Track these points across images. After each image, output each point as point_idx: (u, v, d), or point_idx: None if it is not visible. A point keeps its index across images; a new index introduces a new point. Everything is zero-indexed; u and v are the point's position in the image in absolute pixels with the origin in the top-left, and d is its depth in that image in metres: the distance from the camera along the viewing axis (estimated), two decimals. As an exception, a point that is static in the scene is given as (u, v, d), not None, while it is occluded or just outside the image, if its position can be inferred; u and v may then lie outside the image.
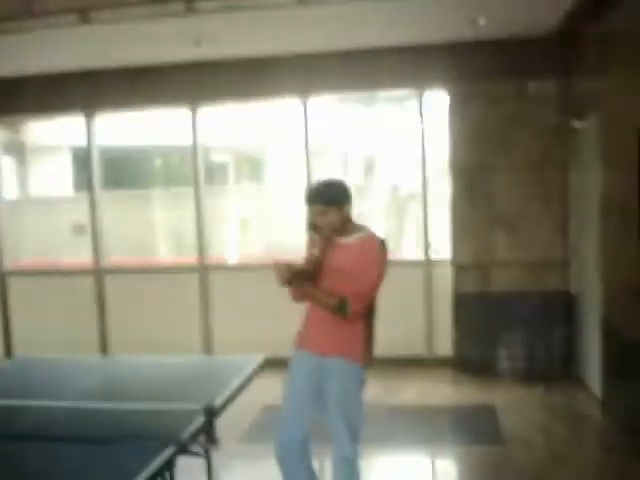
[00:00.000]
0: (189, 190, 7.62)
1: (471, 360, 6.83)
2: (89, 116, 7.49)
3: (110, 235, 7.85)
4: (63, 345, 7.11)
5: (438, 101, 7.05)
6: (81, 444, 3.01)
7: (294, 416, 3.59)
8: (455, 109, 6.79)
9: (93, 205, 7.63)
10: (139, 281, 7.67)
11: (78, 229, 10.12)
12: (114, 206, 8.42)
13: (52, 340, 7.31)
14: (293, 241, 9.42)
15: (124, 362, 4.81)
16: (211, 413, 3.02)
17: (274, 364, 4.57)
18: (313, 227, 3.54)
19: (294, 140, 8.22)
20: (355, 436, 3.52)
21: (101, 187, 7.72)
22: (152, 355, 5.33)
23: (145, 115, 8.34)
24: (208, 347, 7.37)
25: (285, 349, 3.89)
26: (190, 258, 7.64)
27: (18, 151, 10.83)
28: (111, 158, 8.45)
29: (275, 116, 9.05)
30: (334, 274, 3.53)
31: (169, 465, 2.91)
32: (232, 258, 8.89)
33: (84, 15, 5.37)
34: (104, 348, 7.57)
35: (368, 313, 3.61)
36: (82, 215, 8.02)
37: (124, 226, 8.94)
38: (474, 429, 5.51)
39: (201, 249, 7.49)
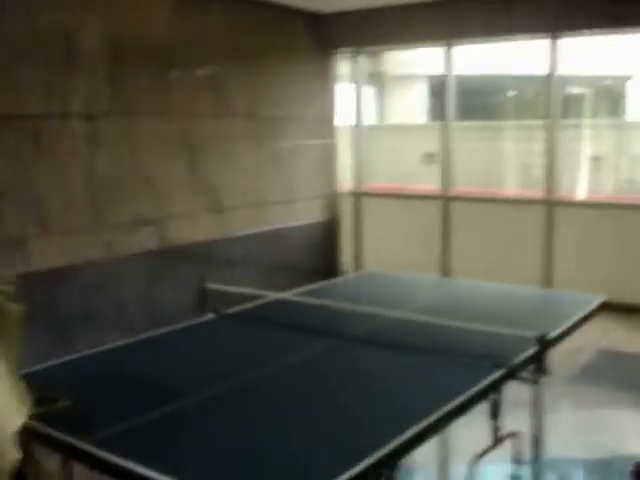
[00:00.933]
0: (541, 123, 7.46)
1: None
2: (449, 46, 7.62)
3: (459, 164, 8.01)
4: (407, 264, 7.51)
5: None
6: (413, 354, 3.24)
7: None
8: None
9: (445, 134, 7.82)
10: (484, 210, 7.79)
11: (428, 157, 10.49)
12: (465, 136, 8.58)
13: (397, 258, 7.79)
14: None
15: (463, 284, 4.97)
16: (545, 343, 3.04)
17: (613, 308, 4.40)
18: None
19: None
20: None
21: (454, 117, 7.87)
22: (490, 282, 5.41)
23: (503, 45, 8.28)
24: (547, 282, 7.27)
25: (628, 294, 3.75)
26: (536, 192, 7.54)
27: (378, 80, 11.46)
28: (466, 88, 8.57)
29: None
30: None
31: (496, 387, 3.00)
32: (581, 195, 8.59)
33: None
34: (445, 270, 7.85)
35: None
36: (433, 144, 8.33)
37: (473, 156, 9.09)
38: None
39: (549, 183, 7.33)
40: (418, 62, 11.19)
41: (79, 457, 2.37)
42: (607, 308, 4.32)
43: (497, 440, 3.43)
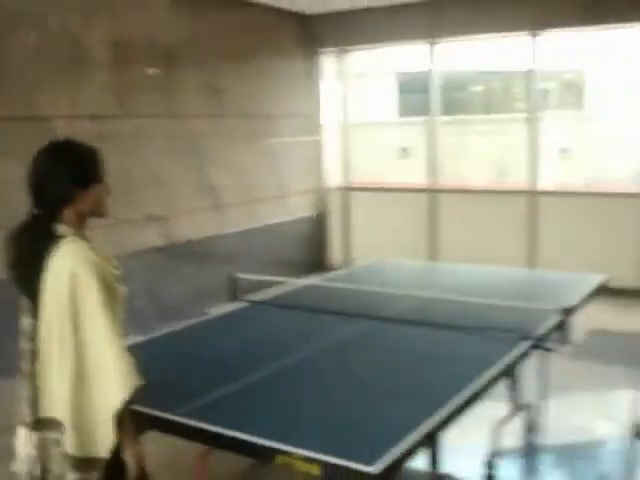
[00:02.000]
0: (511, 116, 7.81)
1: None
2: (432, 43, 7.94)
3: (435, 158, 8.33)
4: (395, 254, 7.78)
5: None
6: (444, 330, 3.51)
7: None
8: None
9: (430, 129, 8.15)
10: (467, 201, 8.13)
11: (403, 152, 10.78)
12: (444, 130, 8.90)
13: (385, 249, 8.07)
14: (616, 171, 9.26)
15: (469, 268, 5.21)
16: (568, 313, 3.35)
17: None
18: None
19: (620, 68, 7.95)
20: None
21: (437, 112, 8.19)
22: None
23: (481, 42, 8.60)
24: (531, 265, 7.60)
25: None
26: (510, 183, 7.95)
27: (352, 78, 11.69)
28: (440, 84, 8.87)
29: (603, 44, 8.85)
30: None
31: (525, 357, 3.30)
32: (552, 185, 8.97)
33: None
34: (433, 258, 8.15)
35: None
36: (406, 139, 8.64)
37: (452, 150, 9.43)
38: None
39: (531, 174, 7.71)
40: (388, 59, 11.47)
41: (170, 429, 2.58)
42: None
43: (515, 410, 3.75)
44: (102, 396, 2.09)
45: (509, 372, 3.21)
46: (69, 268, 2.08)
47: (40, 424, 2.18)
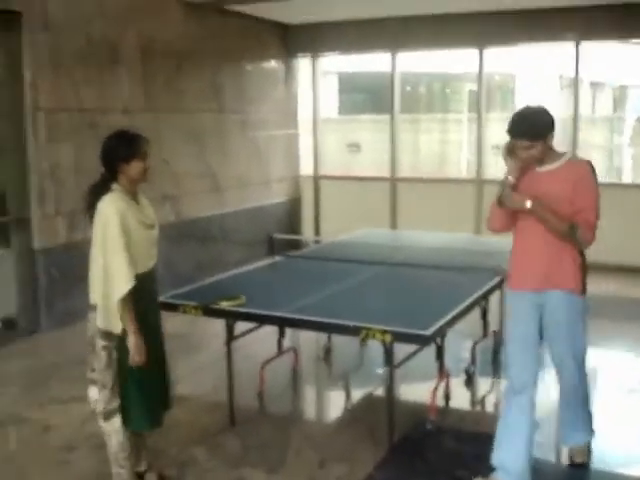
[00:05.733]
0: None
1: None
2: (394, 52, 9.33)
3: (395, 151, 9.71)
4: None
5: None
6: (437, 270, 4.89)
7: (524, 358, 3.49)
8: None
9: (392, 125, 9.53)
10: (423, 189, 9.55)
11: (352, 147, 12.22)
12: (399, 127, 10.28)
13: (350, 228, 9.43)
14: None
15: (439, 234, 6.57)
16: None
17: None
18: (510, 153, 3.36)
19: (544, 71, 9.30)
20: (581, 365, 3.60)
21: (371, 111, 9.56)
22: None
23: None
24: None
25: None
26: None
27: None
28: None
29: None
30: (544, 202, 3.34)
31: (494, 288, 4.69)
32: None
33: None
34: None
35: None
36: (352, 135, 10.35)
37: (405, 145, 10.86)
38: None
39: (478, 166, 9.20)
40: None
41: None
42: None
43: (486, 333, 5.15)
44: (112, 288, 3.22)
45: (486, 297, 4.61)
46: (105, 208, 3.25)
47: (90, 307, 3.36)
